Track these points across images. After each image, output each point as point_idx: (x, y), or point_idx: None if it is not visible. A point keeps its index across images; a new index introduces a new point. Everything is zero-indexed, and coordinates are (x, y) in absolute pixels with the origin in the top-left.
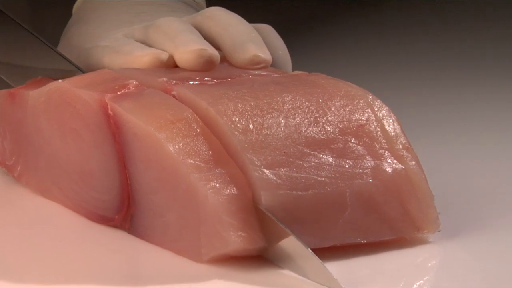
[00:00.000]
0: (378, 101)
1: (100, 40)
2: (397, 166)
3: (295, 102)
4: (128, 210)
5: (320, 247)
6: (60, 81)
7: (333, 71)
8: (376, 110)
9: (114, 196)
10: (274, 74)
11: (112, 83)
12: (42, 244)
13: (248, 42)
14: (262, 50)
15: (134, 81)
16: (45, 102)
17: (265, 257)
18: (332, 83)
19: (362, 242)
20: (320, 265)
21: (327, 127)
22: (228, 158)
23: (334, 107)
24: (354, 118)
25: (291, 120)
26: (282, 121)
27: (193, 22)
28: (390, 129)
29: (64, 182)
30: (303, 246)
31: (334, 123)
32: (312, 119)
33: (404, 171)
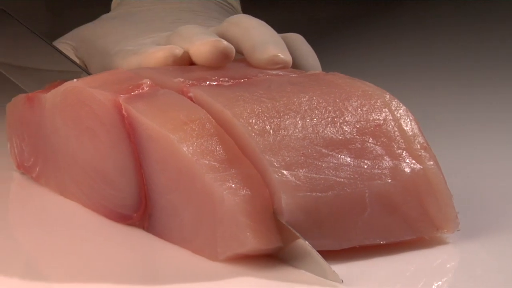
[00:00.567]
0: (396, 100)
1: (127, 44)
2: (415, 166)
3: (312, 102)
4: (146, 209)
5: (339, 249)
6: (75, 80)
7: (350, 70)
8: (393, 109)
9: (131, 194)
10: (292, 74)
11: (126, 83)
12: (62, 243)
13: (268, 43)
14: (282, 51)
15: (148, 80)
16: (61, 102)
17: (279, 257)
18: (349, 83)
19: (382, 243)
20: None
21: (345, 127)
22: (243, 158)
23: (351, 107)
24: (371, 118)
25: (309, 120)
26: (299, 121)
27: (218, 31)
28: (407, 128)
29: (82, 181)
30: (314, 253)
31: (352, 123)
32: (329, 119)
33: (422, 171)
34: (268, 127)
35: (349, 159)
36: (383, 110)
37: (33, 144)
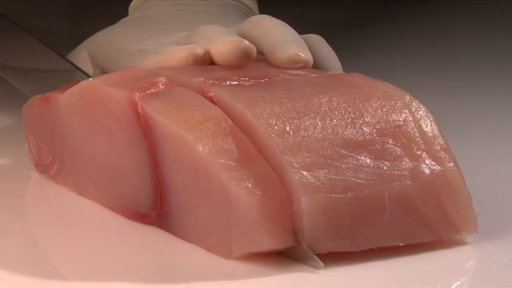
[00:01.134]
0: (416, 101)
1: (145, 43)
2: (435, 168)
3: (332, 103)
4: (161, 207)
5: (358, 251)
6: (90, 79)
7: (371, 71)
8: (413, 110)
9: (148, 192)
10: (312, 74)
11: (141, 81)
12: (79, 242)
13: (289, 42)
14: (303, 50)
15: (163, 78)
16: (77, 101)
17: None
18: (369, 84)
19: (400, 245)
20: None
21: (364, 128)
22: (259, 157)
23: (371, 108)
24: (391, 119)
25: (328, 121)
26: (319, 122)
27: (239, 30)
28: (427, 130)
29: (99, 179)
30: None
31: (371, 124)
32: (349, 120)
33: (442, 172)
34: (288, 128)
35: (368, 160)
36: (403, 111)
37: (50, 143)
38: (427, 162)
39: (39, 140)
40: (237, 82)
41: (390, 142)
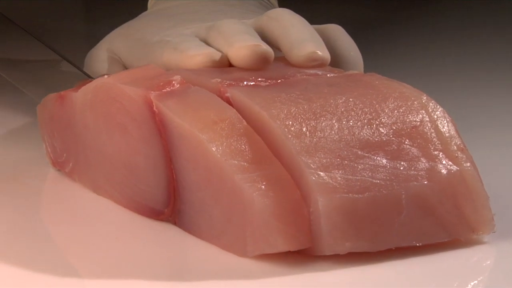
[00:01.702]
0: (433, 102)
1: (165, 34)
2: (452, 168)
3: (349, 104)
4: (175, 204)
5: (376, 251)
6: (105, 76)
7: (388, 71)
8: (430, 111)
9: (162, 190)
10: (329, 74)
11: (157, 79)
12: (93, 239)
13: (306, 40)
14: (321, 48)
15: (179, 77)
16: (91, 99)
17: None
18: (386, 84)
19: (418, 245)
20: None
21: (381, 129)
22: (273, 159)
23: (387, 109)
24: (408, 120)
25: (345, 122)
26: (336, 123)
27: (257, 24)
28: (444, 130)
29: (113, 176)
30: None
31: (388, 125)
32: (365, 121)
33: (459, 173)
34: (304, 129)
35: (385, 161)
36: (420, 111)
37: (64, 141)
38: (444, 162)
39: (53, 138)
40: (253, 83)
41: (406, 142)
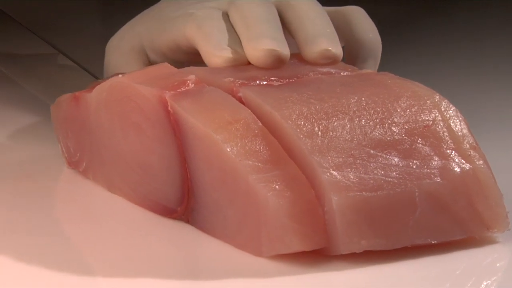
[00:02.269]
0: (445, 101)
1: (189, 8)
2: (464, 166)
3: (361, 103)
4: (188, 203)
5: (391, 249)
6: (120, 76)
7: (401, 70)
8: (443, 110)
9: (176, 189)
10: (343, 73)
11: (171, 79)
12: (107, 237)
13: (320, 36)
14: (334, 45)
15: (193, 76)
16: (106, 98)
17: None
18: (399, 83)
19: (433, 242)
20: None
21: (393, 128)
22: (287, 159)
23: (400, 108)
24: (420, 119)
25: (357, 121)
26: (348, 123)
27: (277, 5)
28: (457, 129)
29: (127, 174)
30: None
31: (400, 124)
32: (378, 121)
33: (472, 171)
34: (316, 129)
35: (397, 160)
36: (433, 110)
37: (77, 141)
38: (457, 160)
39: (67, 138)
40: (266, 82)
41: (419, 141)
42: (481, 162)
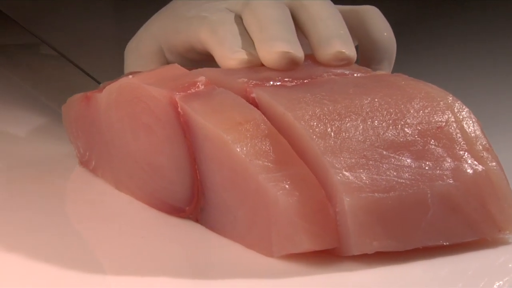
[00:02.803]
0: (459, 102)
1: (202, 9)
2: (477, 167)
3: (374, 104)
4: (197, 203)
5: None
6: (130, 76)
7: (414, 72)
8: (456, 111)
9: (185, 188)
10: (356, 74)
11: (182, 80)
12: (116, 236)
13: (334, 38)
14: (347, 47)
15: (203, 78)
16: (116, 98)
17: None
18: (412, 85)
19: (444, 244)
20: None
21: (406, 129)
22: (297, 159)
23: (413, 109)
24: (433, 120)
25: (370, 123)
26: (361, 124)
27: (290, 7)
28: (470, 130)
29: (136, 173)
30: None
31: (413, 125)
32: (390, 122)
33: (484, 172)
34: (329, 130)
35: (410, 161)
36: (446, 112)
37: (87, 141)
38: (469, 162)
39: (77, 138)
40: (280, 83)
41: (432, 142)
42: (494, 163)
